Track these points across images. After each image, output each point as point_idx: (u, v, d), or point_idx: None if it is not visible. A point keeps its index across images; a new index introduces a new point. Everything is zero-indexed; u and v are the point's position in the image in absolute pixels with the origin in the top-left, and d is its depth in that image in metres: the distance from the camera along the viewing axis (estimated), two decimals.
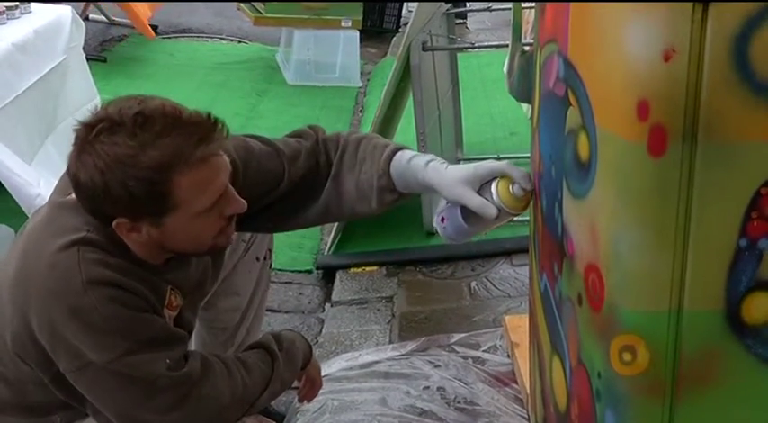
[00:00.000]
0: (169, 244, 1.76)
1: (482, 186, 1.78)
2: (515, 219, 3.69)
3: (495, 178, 1.75)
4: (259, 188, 1.96)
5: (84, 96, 4.30)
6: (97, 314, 1.67)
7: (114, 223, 1.69)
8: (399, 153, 1.90)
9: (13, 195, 3.25)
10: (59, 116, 4.01)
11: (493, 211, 1.76)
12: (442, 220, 1.81)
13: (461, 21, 7.52)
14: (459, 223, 1.79)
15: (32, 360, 1.76)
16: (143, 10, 6.09)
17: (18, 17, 3.91)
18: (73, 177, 1.68)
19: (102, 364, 1.70)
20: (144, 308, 1.74)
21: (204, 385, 1.80)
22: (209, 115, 1.69)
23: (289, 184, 1.99)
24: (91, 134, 1.64)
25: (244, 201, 1.78)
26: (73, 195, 1.77)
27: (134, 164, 1.61)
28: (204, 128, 1.67)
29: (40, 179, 3.33)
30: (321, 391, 2.66)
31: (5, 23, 3.80)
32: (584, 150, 1.59)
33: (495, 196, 1.73)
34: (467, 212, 1.76)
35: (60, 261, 1.69)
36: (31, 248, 1.75)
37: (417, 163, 1.85)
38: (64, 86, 4.06)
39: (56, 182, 1.93)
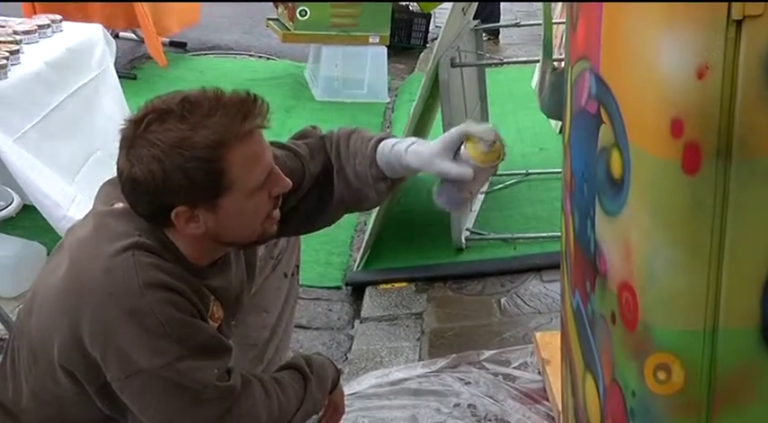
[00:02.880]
0: (223, 232, 1.78)
1: (456, 152, 1.85)
2: (543, 234, 3.75)
3: (462, 143, 1.83)
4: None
5: (119, 113, 4.33)
6: (154, 317, 1.69)
7: (174, 213, 1.71)
8: (383, 142, 1.96)
9: (43, 214, 3.27)
10: (98, 133, 4.05)
11: (468, 172, 1.83)
12: (440, 196, 1.91)
13: (491, 37, 7.53)
14: (453, 194, 1.87)
15: (79, 371, 1.76)
16: (154, 39, 6.12)
17: (50, 36, 3.95)
18: (127, 176, 1.70)
19: (152, 370, 1.70)
20: (194, 313, 1.76)
21: (245, 403, 1.81)
22: (248, 93, 1.75)
23: (309, 182, 2.05)
24: (140, 128, 1.68)
25: (288, 179, 1.82)
26: (118, 204, 1.80)
27: (190, 145, 1.66)
28: (246, 104, 1.73)
29: (76, 196, 3.36)
30: (351, 408, 2.66)
31: (37, 42, 3.84)
32: (616, 168, 1.58)
33: (468, 159, 1.81)
34: (454, 184, 1.85)
35: (116, 265, 1.70)
36: (80, 257, 1.76)
37: (399, 149, 1.92)
38: (100, 103, 4.10)
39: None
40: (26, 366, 1.85)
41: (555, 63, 2.77)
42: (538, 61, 3.94)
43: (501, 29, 7.44)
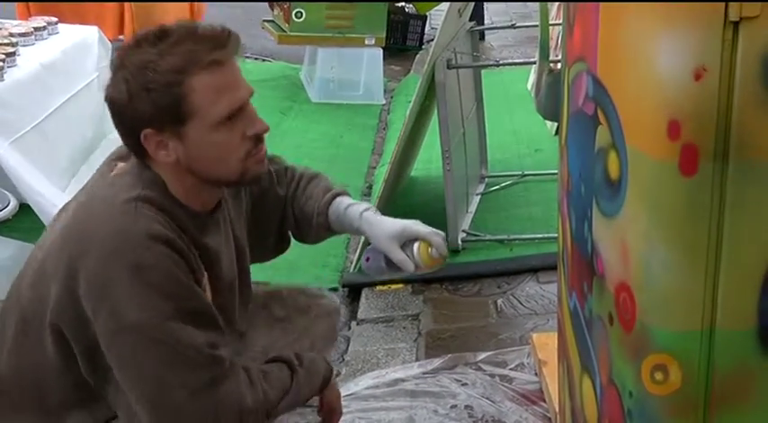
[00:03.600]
0: (197, 164, 1.80)
1: (405, 243, 1.99)
2: (539, 235, 3.76)
3: (417, 239, 1.98)
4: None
5: None
6: (154, 271, 1.71)
7: (142, 135, 1.75)
8: (338, 199, 2.10)
9: (38, 213, 3.27)
10: (97, 135, 4.05)
11: (411, 267, 1.99)
12: (368, 259, 2.05)
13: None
14: (380, 265, 2.03)
15: (70, 327, 1.77)
16: None
17: (45, 38, 3.95)
18: (106, 99, 1.78)
19: (144, 325, 1.71)
20: (190, 277, 1.78)
21: (232, 380, 1.80)
22: (222, 27, 1.80)
23: (273, 202, 2.17)
24: (120, 52, 1.79)
25: (266, 122, 1.85)
26: (119, 164, 1.86)
27: (154, 68, 1.72)
28: (217, 36, 1.78)
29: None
30: (348, 409, 2.66)
31: (33, 44, 3.84)
32: (614, 169, 1.59)
33: (416, 255, 1.98)
34: (388, 259, 2.01)
35: (119, 217, 1.74)
36: (84, 212, 1.81)
37: (353, 211, 2.06)
38: (97, 105, 4.09)
39: None
40: (12, 334, 1.86)
41: (551, 64, 2.77)
42: (533, 63, 3.95)
43: (494, 30, 7.43)
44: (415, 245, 1.98)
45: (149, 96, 1.72)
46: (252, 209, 2.12)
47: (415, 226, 2.02)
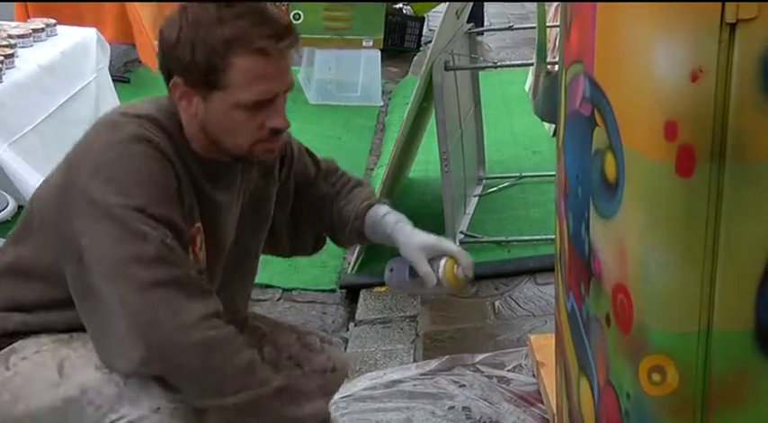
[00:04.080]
0: (209, 126, 1.83)
1: (434, 257, 1.98)
2: (537, 237, 3.76)
3: (446, 255, 1.97)
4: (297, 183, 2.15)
5: None
6: (138, 164, 1.75)
7: (171, 82, 1.81)
8: (378, 206, 2.09)
9: None
10: None
11: (433, 281, 1.96)
12: (392, 270, 2.04)
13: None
14: (403, 278, 2.02)
15: (55, 206, 1.83)
16: (152, 44, 6.08)
17: (44, 39, 3.95)
18: (160, 29, 1.83)
19: (111, 208, 1.73)
20: (174, 188, 1.79)
21: (189, 296, 1.74)
22: (289, 22, 1.83)
23: (310, 190, 2.17)
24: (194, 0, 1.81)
25: (287, 120, 1.86)
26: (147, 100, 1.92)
27: (207, 31, 1.75)
28: (279, 26, 1.79)
29: None
30: (346, 410, 2.67)
31: (32, 46, 3.85)
32: (611, 170, 1.59)
33: (440, 270, 1.95)
34: (413, 272, 1.99)
35: (122, 122, 1.81)
36: (101, 119, 1.90)
37: (389, 219, 2.06)
38: (95, 107, 4.10)
39: None
40: (32, 228, 1.91)
41: (549, 66, 2.78)
42: (531, 64, 3.95)
43: (491, 32, 7.44)
44: (442, 261, 1.97)
45: (192, 51, 1.76)
46: (294, 196, 2.14)
47: (447, 243, 2.02)
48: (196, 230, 1.85)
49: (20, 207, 3.37)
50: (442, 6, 4.47)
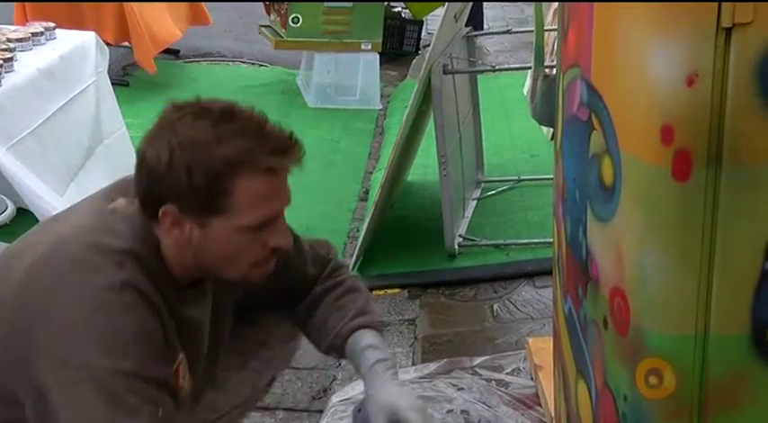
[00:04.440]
0: (205, 253, 1.68)
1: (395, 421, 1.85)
2: (535, 240, 3.76)
3: None
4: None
5: (113, 120, 4.35)
6: (127, 318, 1.57)
7: (162, 210, 1.63)
8: (363, 332, 1.95)
9: (38, 216, 3.28)
10: (94, 140, 4.06)
11: None
12: (359, 410, 1.96)
13: None
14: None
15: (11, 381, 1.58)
16: (149, 46, 6.10)
17: (43, 43, 3.95)
18: (140, 152, 1.66)
19: (99, 372, 1.52)
20: (161, 336, 1.64)
21: None
22: (291, 133, 1.69)
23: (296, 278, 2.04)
24: (175, 115, 1.64)
25: (291, 238, 1.76)
26: (120, 201, 1.72)
27: (206, 151, 1.60)
28: (283, 141, 1.67)
29: (68, 204, 3.36)
30: (344, 414, 2.67)
31: (31, 49, 3.85)
32: (608, 174, 1.60)
33: None
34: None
35: (99, 263, 1.60)
36: (63, 247, 1.64)
37: (368, 356, 1.92)
38: (94, 110, 4.10)
39: None
40: None
41: (546, 70, 2.78)
42: (530, 68, 3.96)
43: (490, 35, 7.44)
44: None
45: (189, 176, 1.60)
46: (278, 291, 1.99)
47: (411, 413, 1.84)
48: (179, 363, 1.72)
49: (19, 210, 3.38)
50: (441, 10, 4.47)
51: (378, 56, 6.42)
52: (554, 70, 2.12)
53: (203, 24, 7.07)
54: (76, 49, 4.06)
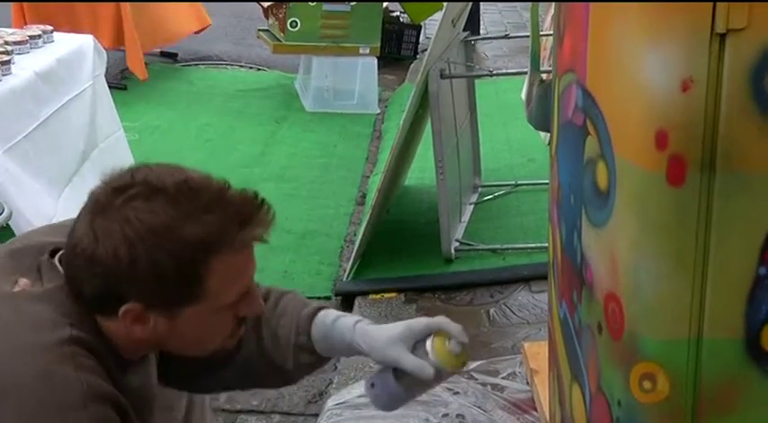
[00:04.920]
0: (171, 343, 1.50)
1: (416, 344, 1.59)
2: (532, 245, 3.77)
3: (429, 335, 1.58)
4: None
5: (110, 123, 4.36)
6: None
7: (122, 310, 1.41)
8: (323, 312, 1.68)
9: (15, 232, 3.27)
10: (90, 144, 4.06)
11: (429, 371, 1.56)
12: (372, 385, 1.62)
13: None
14: (392, 388, 1.59)
15: None
16: (138, 52, 6.12)
17: (41, 46, 3.95)
18: (85, 250, 1.39)
19: None
20: None
21: None
22: (255, 194, 1.47)
23: None
24: (119, 198, 1.38)
25: (262, 302, 1.58)
26: (21, 280, 1.47)
27: (174, 238, 1.37)
28: (251, 208, 1.45)
29: (55, 214, 3.36)
30: (340, 417, 2.67)
31: (28, 53, 3.85)
32: (602, 179, 1.60)
33: (430, 354, 1.56)
34: (400, 374, 1.58)
35: (54, 369, 1.37)
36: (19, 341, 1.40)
37: (344, 324, 1.64)
38: (91, 114, 4.11)
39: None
40: None
41: (542, 75, 2.79)
42: (527, 73, 3.96)
43: (488, 40, 7.45)
44: (428, 343, 1.57)
45: (156, 269, 1.37)
46: None
47: (419, 322, 1.62)
48: None
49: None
50: (439, 14, 4.48)
51: (376, 60, 6.43)
52: (550, 75, 2.12)
53: (203, 26, 7.08)
54: (74, 52, 4.06)
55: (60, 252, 1.49)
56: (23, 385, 1.35)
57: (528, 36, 2.88)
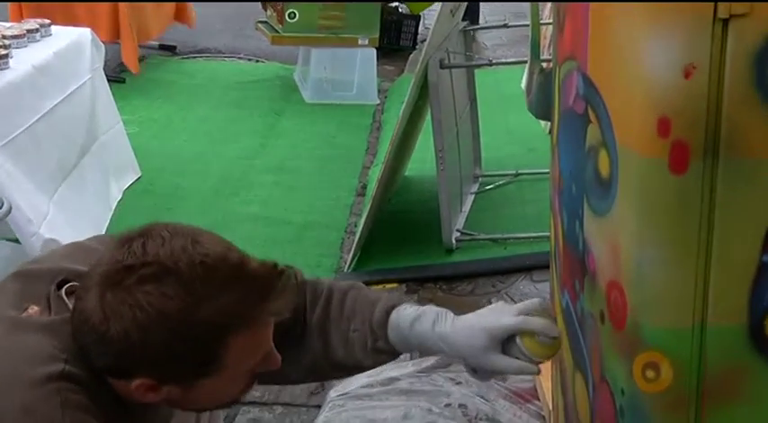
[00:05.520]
0: (187, 404, 1.47)
1: (504, 344, 1.61)
2: (533, 234, 3.76)
3: (514, 335, 1.60)
4: None
5: (109, 117, 4.35)
6: None
7: (134, 383, 1.38)
8: (395, 315, 1.64)
9: (13, 228, 3.26)
10: (89, 138, 4.05)
11: (534, 369, 1.62)
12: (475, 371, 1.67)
13: None
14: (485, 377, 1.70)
15: None
16: (133, 46, 6.11)
17: (38, 40, 3.94)
18: (95, 327, 1.34)
19: None
20: None
21: None
22: (275, 265, 1.41)
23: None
24: (130, 278, 1.32)
25: (279, 355, 1.50)
26: (32, 308, 1.44)
27: (186, 321, 1.32)
28: (270, 279, 1.39)
29: (48, 213, 3.34)
30: (343, 408, 2.67)
31: (26, 46, 3.84)
32: (604, 167, 1.59)
33: (525, 352, 1.59)
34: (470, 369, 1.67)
35: (37, 404, 1.33)
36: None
37: (422, 331, 1.62)
38: (90, 107, 4.10)
39: (75, 211, 1.56)
40: None
41: (543, 64, 2.78)
42: (527, 62, 3.95)
43: (487, 29, 7.44)
44: (518, 342, 1.59)
45: (170, 352, 1.33)
46: None
47: (503, 323, 1.59)
48: None
49: None
50: (438, 4, 4.47)
51: (375, 51, 6.43)
52: (550, 64, 2.11)
53: (186, 23, 7.06)
54: (72, 45, 4.05)
55: (69, 284, 1.46)
56: (7, 420, 1.32)
57: (527, 25, 2.87)
